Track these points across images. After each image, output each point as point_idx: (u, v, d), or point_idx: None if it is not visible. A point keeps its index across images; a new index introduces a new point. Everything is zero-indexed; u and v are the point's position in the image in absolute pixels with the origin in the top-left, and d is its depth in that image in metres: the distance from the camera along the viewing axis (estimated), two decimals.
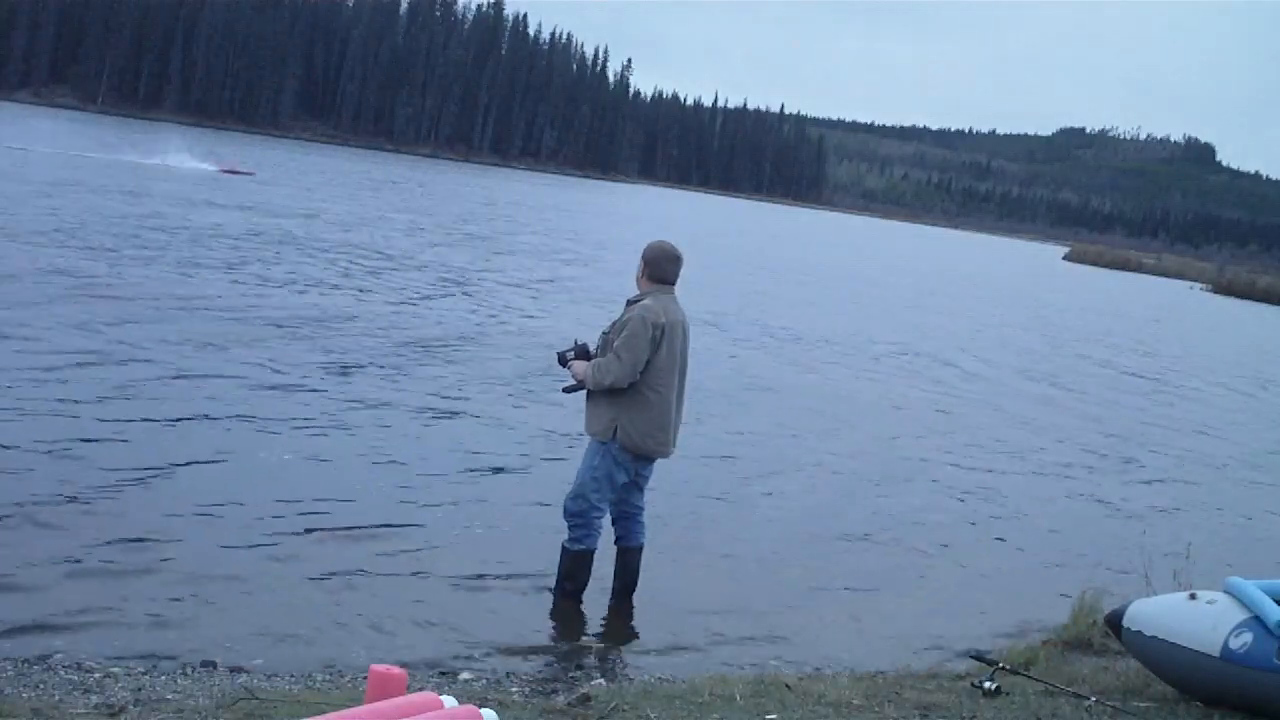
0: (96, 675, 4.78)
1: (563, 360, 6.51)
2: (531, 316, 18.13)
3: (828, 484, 10.39)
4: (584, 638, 6.27)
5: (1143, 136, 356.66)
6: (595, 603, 6.59)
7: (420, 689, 3.60)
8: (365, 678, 3.48)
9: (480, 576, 6.82)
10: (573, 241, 35.96)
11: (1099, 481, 12.31)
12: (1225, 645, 4.91)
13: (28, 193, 25.20)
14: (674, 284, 6.43)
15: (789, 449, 11.53)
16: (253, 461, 8.41)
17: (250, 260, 19.42)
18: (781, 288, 30.96)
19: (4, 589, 5.69)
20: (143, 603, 5.78)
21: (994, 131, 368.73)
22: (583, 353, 6.41)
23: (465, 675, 5.35)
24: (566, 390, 6.59)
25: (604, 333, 6.40)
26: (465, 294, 19.63)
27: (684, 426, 6.66)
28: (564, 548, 6.51)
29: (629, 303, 6.41)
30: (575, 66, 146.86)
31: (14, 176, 29.06)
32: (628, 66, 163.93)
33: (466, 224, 36.35)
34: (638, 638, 6.35)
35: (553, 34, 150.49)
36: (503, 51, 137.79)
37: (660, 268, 6.37)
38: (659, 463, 6.63)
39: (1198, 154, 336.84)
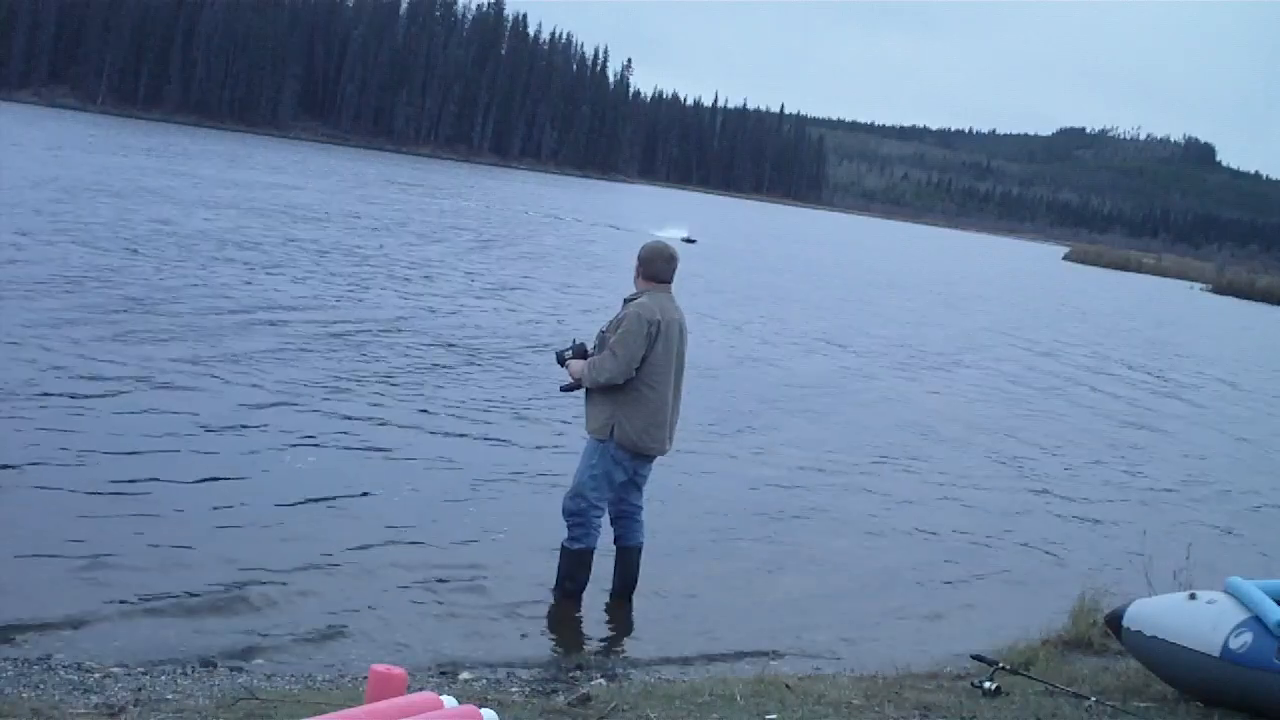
0: (96, 675, 4.77)
1: (560, 359, 6.52)
2: None
3: (829, 485, 10.38)
4: (584, 638, 6.27)
5: (1143, 136, 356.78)
6: (595, 603, 6.59)
7: (420, 689, 3.59)
8: (365, 678, 3.48)
9: (480, 577, 6.82)
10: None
11: (1099, 481, 12.31)
12: (1225, 645, 4.91)
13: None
14: (669, 282, 6.46)
15: (791, 450, 11.52)
16: (253, 464, 8.41)
17: None
18: (814, 292, 30.98)
19: (5, 589, 5.69)
20: (143, 603, 5.78)
21: (994, 131, 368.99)
22: (580, 352, 6.43)
23: (465, 675, 5.35)
24: (564, 389, 6.60)
25: (601, 331, 6.42)
26: None
27: (689, 429, 6.66)
28: (563, 547, 6.52)
29: (626, 301, 6.43)
30: (575, 66, 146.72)
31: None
32: (628, 66, 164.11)
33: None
34: (638, 638, 6.35)
35: (553, 34, 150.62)
36: (503, 51, 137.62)
37: (655, 266, 6.41)
38: (658, 462, 6.64)
39: (1198, 154, 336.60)
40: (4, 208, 20.97)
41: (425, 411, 10.67)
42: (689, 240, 39.14)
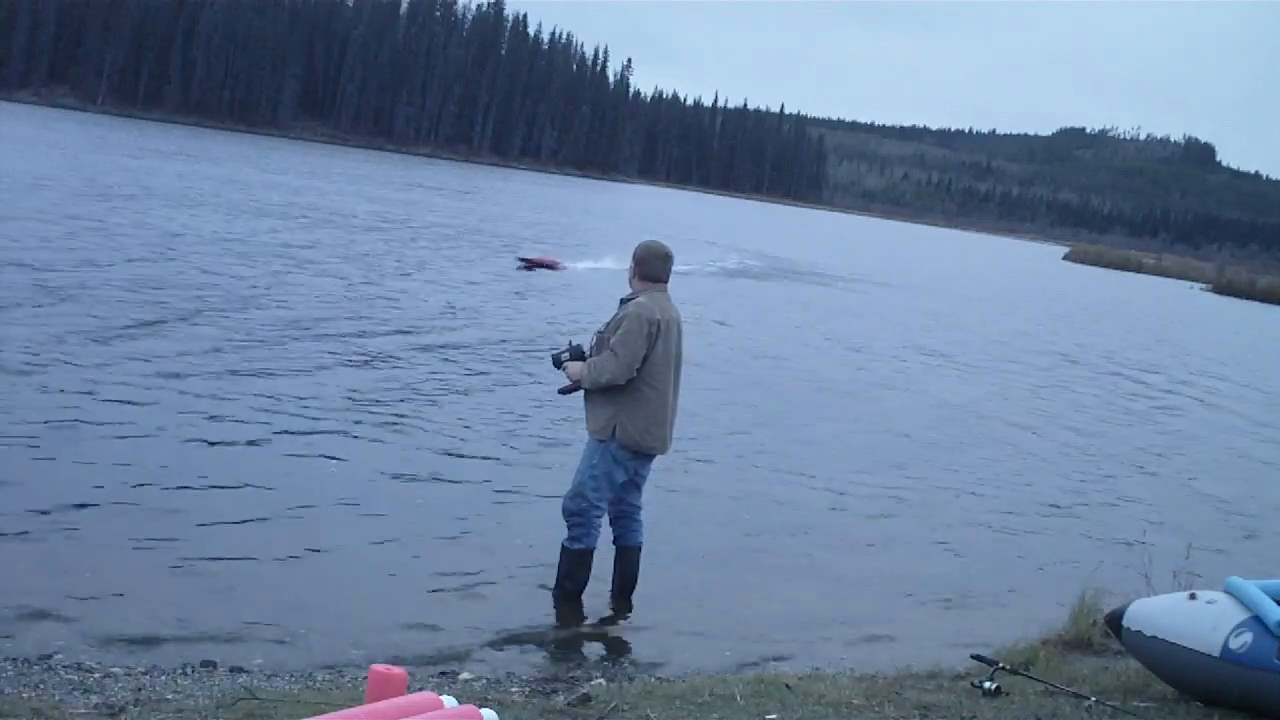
0: (96, 675, 4.77)
1: (557, 362, 6.51)
2: None
3: (828, 483, 10.37)
4: (584, 638, 6.27)
5: (1143, 136, 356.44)
6: (595, 603, 6.59)
7: (420, 689, 3.60)
8: (365, 678, 3.48)
9: (480, 577, 6.82)
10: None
11: (1099, 481, 12.30)
12: (1225, 645, 4.91)
13: None
14: (666, 281, 6.46)
15: (791, 450, 11.52)
16: (259, 465, 8.41)
17: None
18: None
19: (4, 589, 5.69)
20: (143, 603, 5.78)
21: (994, 131, 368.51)
22: (577, 354, 6.42)
23: (465, 675, 5.35)
24: (563, 392, 6.59)
25: (598, 332, 6.42)
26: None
27: (687, 427, 6.66)
28: (563, 547, 6.52)
29: (623, 301, 6.43)
30: (575, 66, 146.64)
31: None
32: (628, 66, 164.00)
33: None
34: (638, 638, 6.35)
35: (553, 34, 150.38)
36: (503, 51, 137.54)
37: (652, 266, 6.42)
38: (658, 461, 6.64)
39: (1198, 154, 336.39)
40: (81, 219, 21.01)
41: (420, 412, 10.68)
42: (535, 265, 25.88)
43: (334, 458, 8.81)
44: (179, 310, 13.88)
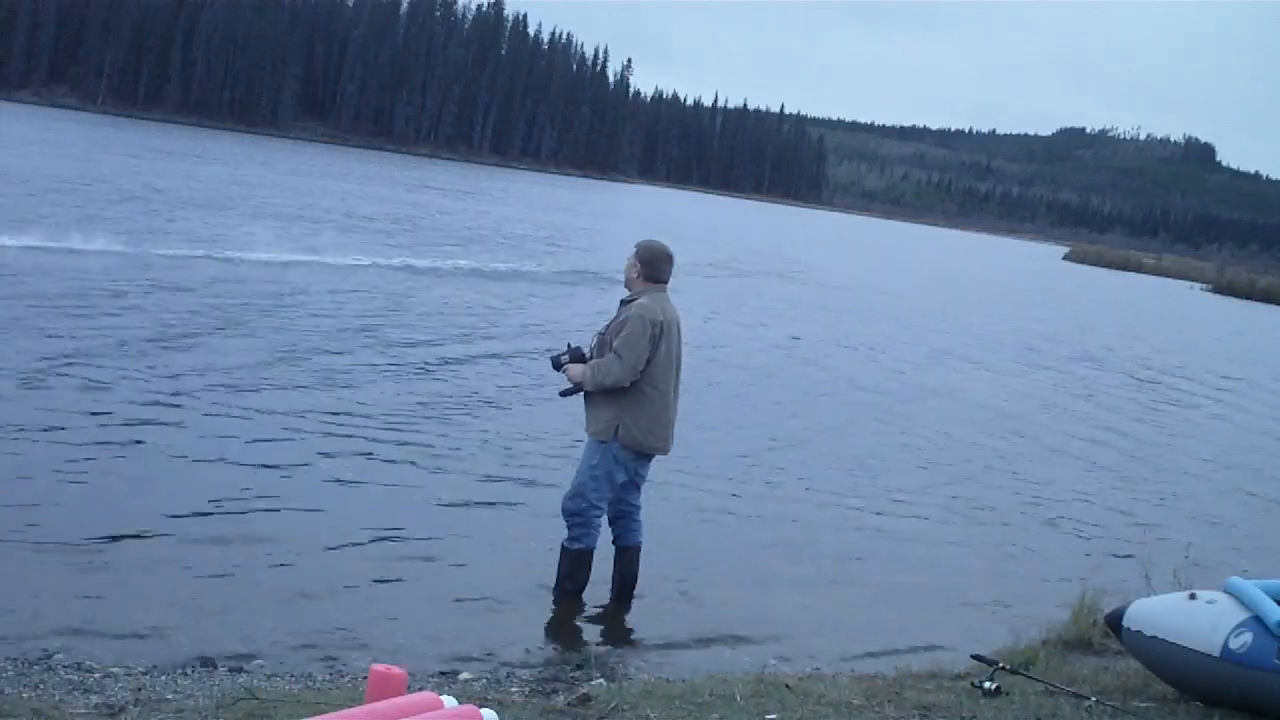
0: (96, 675, 4.77)
1: (557, 364, 6.50)
2: None
3: (828, 483, 10.38)
4: (584, 638, 6.28)
5: (1143, 136, 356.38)
6: (595, 603, 6.60)
7: (420, 689, 3.60)
8: (365, 678, 3.48)
9: (480, 577, 6.82)
10: None
11: (1099, 481, 12.30)
12: (1225, 645, 4.91)
13: None
14: (667, 282, 6.46)
15: (792, 452, 11.52)
16: (258, 465, 8.41)
17: None
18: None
19: (6, 589, 5.68)
20: (143, 603, 5.78)
21: (994, 131, 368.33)
22: (577, 356, 6.42)
23: (465, 675, 5.35)
24: (564, 394, 6.58)
25: (599, 333, 6.42)
26: None
27: (689, 427, 6.65)
28: (563, 547, 6.52)
29: (623, 303, 6.42)
30: (575, 66, 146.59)
31: None
32: (628, 66, 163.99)
33: None
34: (638, 638, 6.35)
35: (553, 34, 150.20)
36: (503, 51, 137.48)
37: (655, 267, 6.41)
38: (658, 461, 6.65)
39: (1198, 154, 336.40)
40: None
41: (420, 411, 10.68)
42: None
43: (328, 459, 8.81)
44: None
